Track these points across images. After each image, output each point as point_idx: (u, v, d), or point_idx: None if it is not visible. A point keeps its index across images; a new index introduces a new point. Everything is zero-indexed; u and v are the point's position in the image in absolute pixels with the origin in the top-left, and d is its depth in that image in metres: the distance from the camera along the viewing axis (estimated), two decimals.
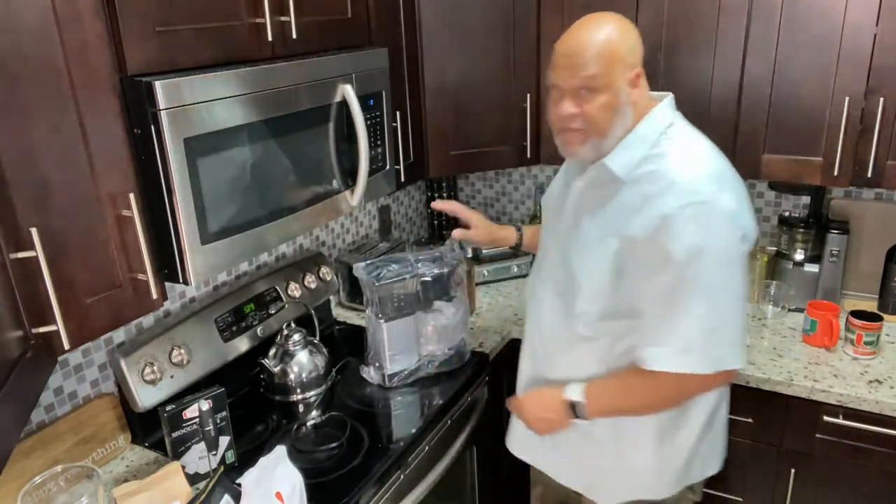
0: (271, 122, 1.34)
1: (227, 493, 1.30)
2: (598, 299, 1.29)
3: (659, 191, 1.20)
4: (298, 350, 1.75)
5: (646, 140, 1.26)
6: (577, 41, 1.21)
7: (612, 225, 1.26)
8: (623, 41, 1.21)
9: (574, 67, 1.20)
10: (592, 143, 1.25)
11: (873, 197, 2.08)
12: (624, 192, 1.26)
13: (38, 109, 1.00)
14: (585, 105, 1.21)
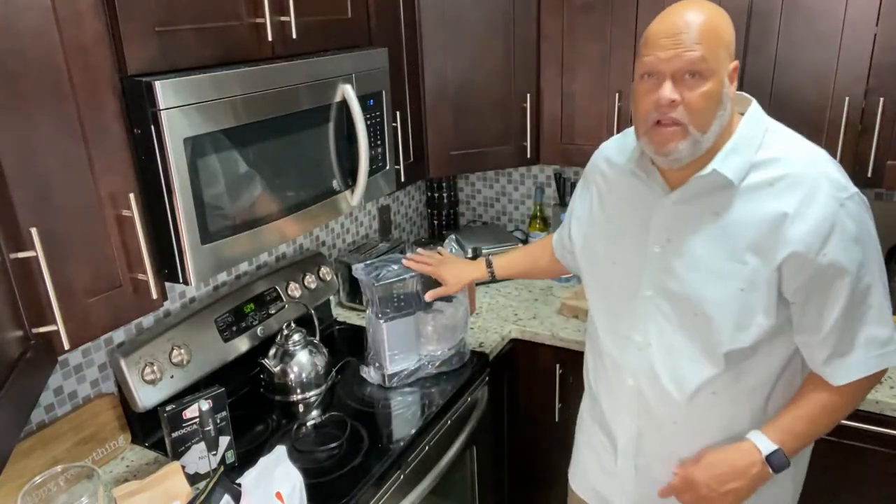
0: (271, 122, 1.34)
1: (227, 493, 1.30)
2: (752, 335, 1.14)
3: (811, 190, 1.08)
4: (298, 350, 1.75)
5: (752, 141, 1.13)
6: (682, 19, 1.06)
7: (742, 241, 1.11)
8: (728, 26, 1.09)
9: (679, 47, 1.05)
10: (692, 140, 1.09)
11: (873, 197, 2.08)
12: (749, 201, 1.11)
13: (38, 109, 1.00)
14: (687, 92, 1.06)
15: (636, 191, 1.25)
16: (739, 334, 1.14)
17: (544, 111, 2.13)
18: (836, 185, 1.09)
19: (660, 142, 1.11)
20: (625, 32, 1.93)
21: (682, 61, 1.05)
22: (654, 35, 1.08)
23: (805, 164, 1.11)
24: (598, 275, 1.34)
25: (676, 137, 1.09)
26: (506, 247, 2.41)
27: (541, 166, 2.55)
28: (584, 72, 2.04)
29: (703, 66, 1.05)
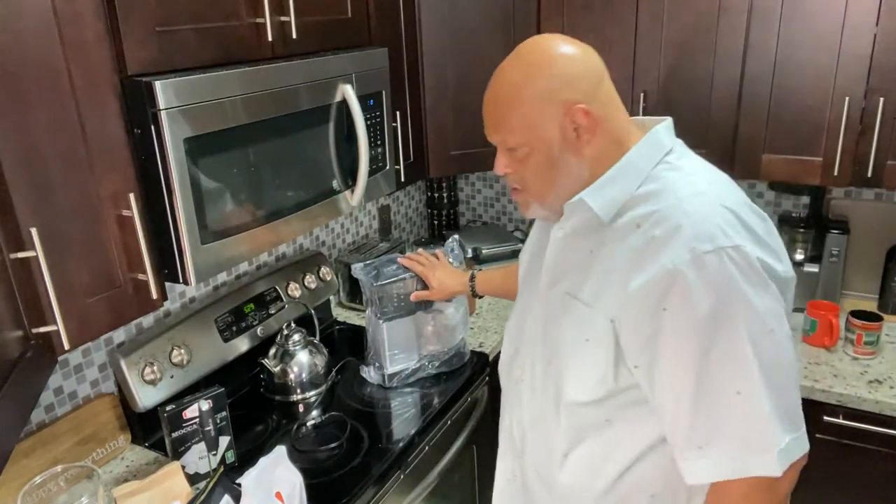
0: (271, 122, 1.34)
1: (227, 493, 1.30)
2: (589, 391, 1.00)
3: (662, 237, 0.90)
4: (298, 350, 1.75)
5: (638, 171, 0.98)
6: (491, 88, 1.01)
7: (602, 291, 0.96)
8: (544, 76, 0.95)
9: (490, 123, 1.02)
10: (536, 205, 1.05)
11: (873, 197, 2.08)
12: (615, 243, 0.97)
13: (38, 109, 1.00)
14: (515, 164, 1.02)
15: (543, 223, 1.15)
16: (578, 387, 1.01)
17: None
18: (698, 233, 0.88)
19: (516, 202, 1.09)
20: (624, 32, 1.93)
21: (496, 138, 1.03)
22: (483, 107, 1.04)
23: (677, 200, 0.93)
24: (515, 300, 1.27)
25: (523, 201, 1.07)
26: (505, 247, 2.42)
27: None
28: None
29: (516, 140, 0.99)
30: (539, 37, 1.02)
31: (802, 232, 2.09)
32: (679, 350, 0.89)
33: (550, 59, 0.97)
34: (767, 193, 2.24)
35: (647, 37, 1.90)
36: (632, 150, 0.99)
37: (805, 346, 1.89)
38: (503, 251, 2.41)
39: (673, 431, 0.94)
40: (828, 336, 1.85)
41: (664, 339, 0.90)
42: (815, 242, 2.08)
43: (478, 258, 2.37)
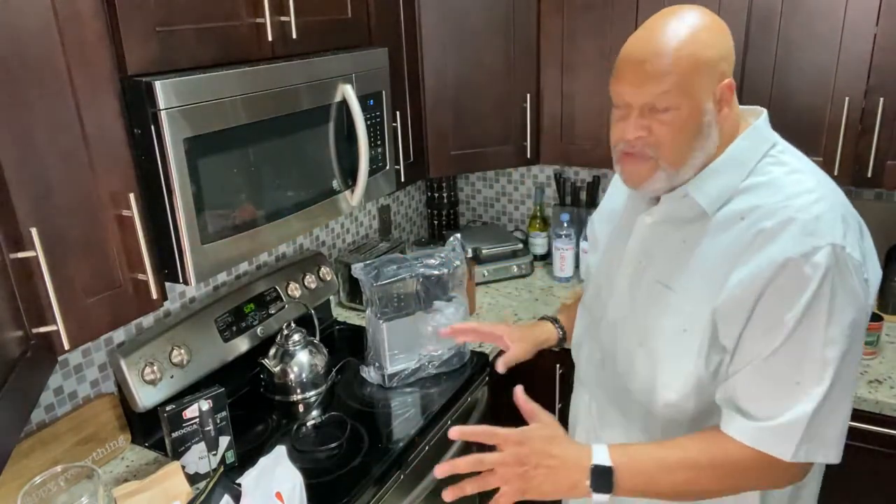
0: (271, 122, 1.34)
1: (227, 493, 1.30)
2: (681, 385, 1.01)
3: (771, 231, 0.92)
4: (298, 350, 1.75)
5: (743, 165, 0.99)
6: (649, 45, 0.94)
7: (702, 282, 0.97)
8: (710, 43, 0.94)
9: (643, 79, 0.94)
10: (663, 175, 0.98)
11: (873, 197, 2.08)
12: (715, 235, 0.97)
13: (38, 109, 1.00)
14: (657, 125, 0.95)
15: (632, 204, 1.15)
16: (667, 379, 1.02)
17: (544, 111, 2.13)
18: (809, 229, 0.90)
19: (628, 175, 1.02)
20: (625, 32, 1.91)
21: (646, 96, 0.94)
22: (621, 62, 0.98)
23: (787, 195, 0.94)
24: (590, 282, 1.26)
25: (645, 172, 0.99)
26: (505, 247, 2.42)
27: (541, 166, 2.54)
28: (584, 72, 2.03)
29: (672, 100, 0.93)
30: (692, 6, 0.98)
31: None
32: (767, 328, 0.92)
33: (719, 28, 0.97)
34: None
35: None
36: (737, 141, 1.00)
37: None
38: (503, 251, 2.41)
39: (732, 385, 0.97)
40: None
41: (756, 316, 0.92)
42: None
43: (478, 258, 2.37)
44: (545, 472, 0.94)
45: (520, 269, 2.40)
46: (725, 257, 0.96)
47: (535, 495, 0.95)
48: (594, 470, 0.93)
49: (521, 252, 2.43)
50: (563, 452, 0.95)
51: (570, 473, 0.94)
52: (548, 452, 0.95)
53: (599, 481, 0.93)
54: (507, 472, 0.94)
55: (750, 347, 0.94)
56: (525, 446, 0.95)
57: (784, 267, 0.90)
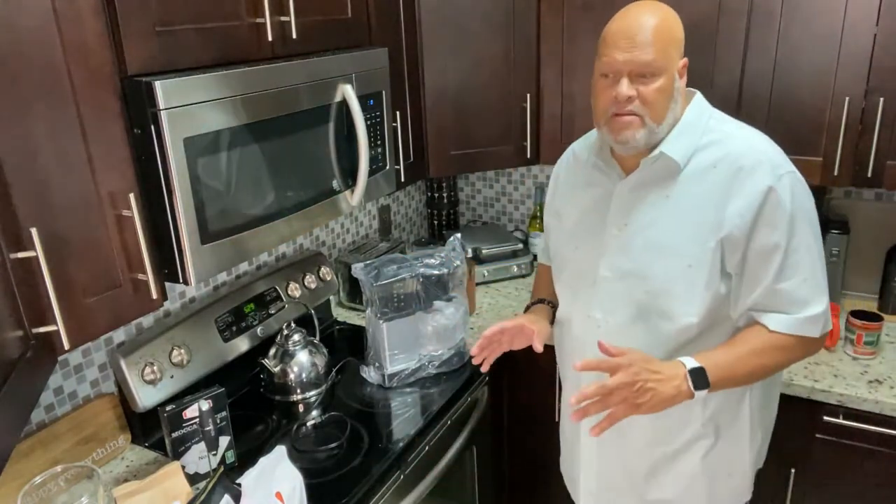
0: (271, 122, 1.34)
1: (227, 493, 1.30)
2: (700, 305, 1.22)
3: (749, 169, 1.18)
4: (298, 350, 1.75)
5: (696, 127, 1.24)
6: (636, 22, 1.16)
7: (689, 220, 1.21)
8: (678, 26, 1.20)
9: (633, 48, 1.15)
10: (648, 129, 1.19)
11: (873, 197, 2.08)
12: (692, 184, 1.22)
13: (38, 109, 1.00)
14: (642, 87, 1.16)
15: (596, 180, 1.34)
16: (686, 308, 1.22)
17: (544, 111, 2.13)
18: (773, 163, 1.18)
19: (618, 129, 1.20)
20: None
21: (637, 62, 1.15)
22: (611, 36, 1.17)
23: (746, 145, 1.21)
24: (564, 259, 1.42)
25: (633, 126, 1.19)
26: (505, 247, 2.42)
27: (541, 166, 2.54)
28: (584, 72, 2.03)
29: (657, 66, 1.15)
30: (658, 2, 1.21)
31: None
32: (769, 242, 1.18)
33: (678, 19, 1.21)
34: None
35: None
36: (690, 108, 1.25)
37: None
38: (503, 251, 2.41)
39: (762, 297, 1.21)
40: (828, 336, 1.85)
41: (757, 237, 1.18)
42: None
43: (478, 258, 2.37)
44: (654, 385, 1.13)
45: (520, 269, 2.40)
46: (712, 197, 1.19)
47: (647, 409, 1.14)
48: (691, 372, 1.16)
49: (521, 252, 2.43)
50: (662, 367, 1.16)
51: (671, 382, 1.15)
52: (651, 369, 1.14)
53: (698, 380, 1.16)
54: (624, 391, 1.12)
55: (755, 269, 1.19)
56: (634, 367, 1.13)
57: (768, 193, 1.16)
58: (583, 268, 1.35)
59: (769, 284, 1.20)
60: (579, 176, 1.40)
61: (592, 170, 1.35)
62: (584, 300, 1.35)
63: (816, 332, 1.24)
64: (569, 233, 1.40)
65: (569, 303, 1.42)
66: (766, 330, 1.22)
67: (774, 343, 1.22)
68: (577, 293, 1.37)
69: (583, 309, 1.36)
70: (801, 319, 1.21)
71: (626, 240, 1.27)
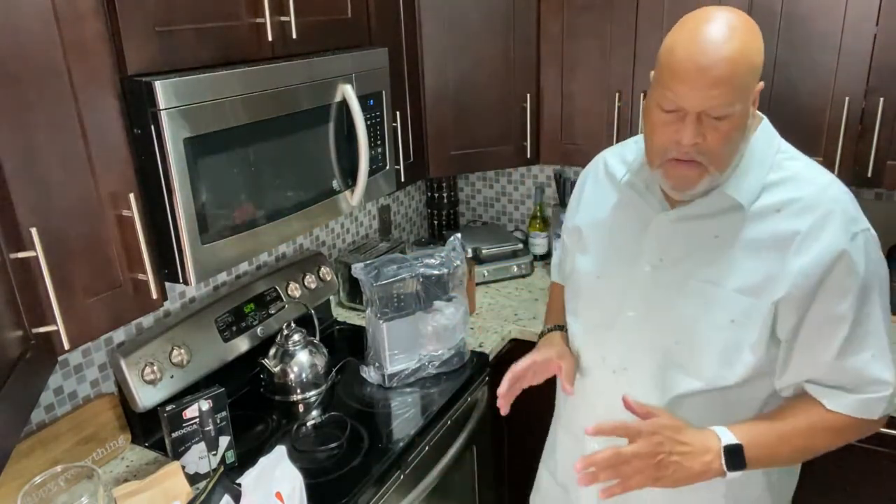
0: (271, 122, 1.34)
1: (227, 493, 1.30)
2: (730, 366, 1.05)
3: (821, 222, 1.00)
4: (298, 350, 1.75)
5: (764, 161, 1.05)
6: (714, 50, 0.92)
7: (741, 269, 1.03)
8: (759, 45, 0.96)
9: (708, 87, 0.92)
10: (708, 179, 1.00)
11: (873, 197, 2.08)
12: (751, 227, 1.03)
13: (38, 109, 1.00)
14: (711, 133, 0.96)
15: (631, 203, 1.16)
16: (723, 371, 1.06)
17: (544, 111, 2.13)
18: (849, 216, 1.01)
19: (677, 179, 1.02)
20: (625, 32, 1.93)
21: (708, 102, 0.93)
22: (679, 64, 0.94)
23: (818, 188, 1.03)
24: (581, 287, 1.23)
25: (694, 177, 1.00)
26: (505, 247, 2.41)
27: (541, 166, 2.54)
28: (584, 72, 2.04)
29: (730, 109, 0.94)
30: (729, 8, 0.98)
31: None
32: (835, 312, 1.01)
33: (758, 31, 0.98)
34: None
35: (647, 37, 1.90)
36: (757, 138, 1.06)
37: None
38: (503, 251, 2.41)
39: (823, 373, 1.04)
40: None
41: (820, 304, 1.00)
42: None
43: (478, 258, 2.37)
44: (678, 459, 0.98)
45: (520, 269, 2.40)
46: (773, 247, 1.01)
47: (669, 483, 0.99)
48: (727, 449, 0.99)
49: (522, 252, 2.43)
50: (692, 439, 1.00)
51: (701, 458, 0.99)
52: (679, 440, 0.99)
53: (733, 460, 0.99)
54: (642, 463, 0.97)
55: (813, 340, 1.02)
56: (658, 436, 0.98)
57: (840, 256, 0.98)
58: (604, 302, 1.17)
59: (831, 360, 1.03)
60: (610, 193, 1.21)
61: (628, 189, 1.16)
62: (598, 339, 1.19)
63: (879, 414, 1.06)
64: (592, 258, 1.21)
65: (580, 338, 1.25)
66: (821, 408, 1.05)
67: (829, 423, 1.05)
68: (593, 330, 1.21)
69: (596, 349, 1.19)
70: (865, 400, 1.04)
71: (660, 279, 1.10)
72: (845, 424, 1.05)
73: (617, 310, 1.15)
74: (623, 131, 2.00)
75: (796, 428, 1.05)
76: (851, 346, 1.02)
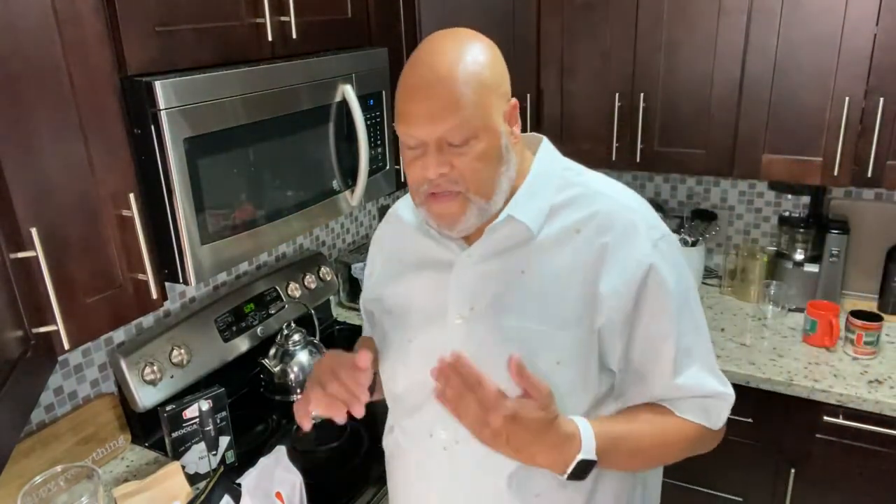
0: (271, 122, 1.34)
1: (227, 493, 1.30)
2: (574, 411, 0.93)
3: (623, 235, 0.94)
4: (298, 350, 1.75)
5: (550, 181, 0.98)
6: (430, 77, 0.89)
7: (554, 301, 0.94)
8: (494, 65, 0.91)
9: (432, 115, 0.87)
10: (475, 209, 0.92)
11: (873, 197, 2.08)
12: (552, 254, 0.95)
13: (38, 109, 1.00)
14: (457, 159, 0.88)
15: (428, 251, 1.03)
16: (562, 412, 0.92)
17: (544, 111, 2.13)
18: (648, 224, 0.96)
19: (439, 215, 0.93)
20: (625, 32, 1.93)
21: (438, 131, 0.87)
22: (403, 101, 0.91)
23: (612, 203, 0.97)
24: (393, 355, 1.07)
25: (457, 209, 0.92)
26: None
27: None
28: (583, 72, 2.04)
29: (467, 132, 0.87)
30: (457, 29, 0.97)
31: (802, 232, 2.09)
32: (659, 333, 0.95)
33: (493, 49, 0.94)
34: (767, 193, 2.24)
35: (647, 37, 1.90)
36: (538, 160, 1.00)
37: (805, 345, 1.89)
38: None
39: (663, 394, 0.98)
40: (828, 336, 1.85)
41: (641, 326, 0.94)
42: (815, 242, 2.08)
43: None
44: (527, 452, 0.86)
45: None
46: (578, 270, 0.93)
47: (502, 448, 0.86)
48: (579, 462, 0.88)
49: None
50: (552, 440, 0.87)
51: (551, 456, 0.88)
52: (536, 440, 0.86)
53: (579, 473, 0.88)
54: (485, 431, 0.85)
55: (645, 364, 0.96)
56: (516, 425, 0.84)
57: (648, 272, 0.92)
58: (418, 371, 0.96)
59: (668, 381, 0.96)
60: (407, 246, 1.09)
61: (421, 237, 1.04)
62: (421, 413, 1.02)
63: (721, 423, 1.02)
64: (398, 321, 1.06)
65: (401, 418, 1.08)
66: (672, 415, 0.98)
67: (683, 432, 0.99)
68: (413, 402, 1.04)
69: (421, 426, 1.03)
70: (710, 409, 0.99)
71: (473, 330, 0.97)
72: (697, 433, 1.00)
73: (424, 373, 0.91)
74: (623, 131, 2.00)
75: (653, 438, 0.98)
76: (680, 363, 0.95)
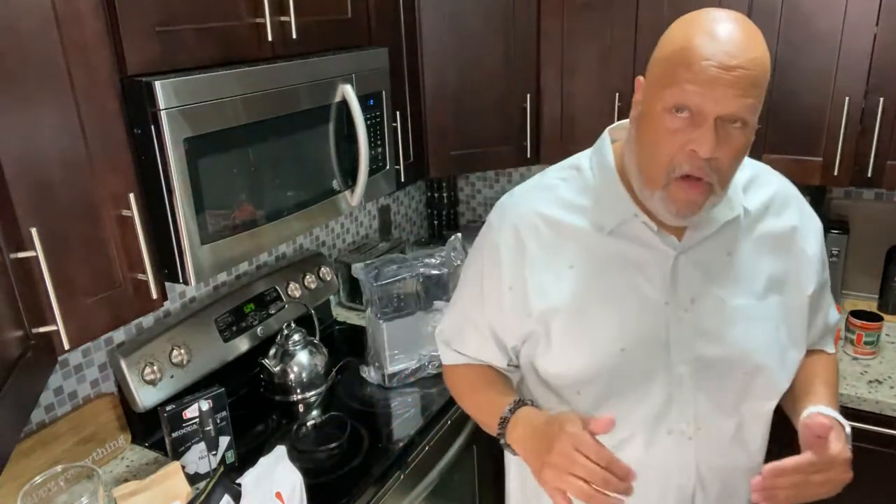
0: (271, 122, 1.34)
1: (227, 493, 1.30)
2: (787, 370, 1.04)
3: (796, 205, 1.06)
4: (298, 350, 1.75)
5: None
6: (739, 47, 0.80)
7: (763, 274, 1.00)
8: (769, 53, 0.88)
9: (737, 86, 0.79)
10: (712, 201, 0.90)
11: (873, 197, 2.08)
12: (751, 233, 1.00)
13: (38, 109, 1.00)
14: (724, 146, 0.83)
15: (624, 250, 0.98)
16: (784, 380, 1.03)
17: (544, 111, 2.13)
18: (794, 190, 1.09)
19: (686, 202, 0.87)
20: (625, 32, 1.93)
21: (736, 106, 0.80)
22: (702, 56, 0.80)
23: (776, 178, 1.08)
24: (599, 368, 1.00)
25: (701, 200, 0.87)
26: None
27: (541, 166, 2.54)
28: (584, 72, 2.03)
29: (751, 115, 0.82)
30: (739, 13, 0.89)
31: None
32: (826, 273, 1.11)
33: None
34: None
35: (647, 37, 1.90)
36: None
37: None
38: None
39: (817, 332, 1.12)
40: None
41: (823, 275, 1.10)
42: None
43: None
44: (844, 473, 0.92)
45: None
46: (775, 246, 1.02)
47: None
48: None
49: None
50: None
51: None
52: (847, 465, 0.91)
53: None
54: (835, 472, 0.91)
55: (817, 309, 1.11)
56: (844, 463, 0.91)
57: (818, 226, 1.08)
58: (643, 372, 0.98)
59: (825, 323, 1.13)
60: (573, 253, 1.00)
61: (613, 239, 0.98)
62: (649, 412, 1.00)
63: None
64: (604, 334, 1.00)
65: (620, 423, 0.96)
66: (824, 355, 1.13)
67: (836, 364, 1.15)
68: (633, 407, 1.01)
69: (655, 425, 1.00)
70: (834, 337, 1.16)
71: (699, 320, 0.98)
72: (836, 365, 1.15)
73: (664, 373, 0.98)
74: None
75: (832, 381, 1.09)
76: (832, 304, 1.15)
